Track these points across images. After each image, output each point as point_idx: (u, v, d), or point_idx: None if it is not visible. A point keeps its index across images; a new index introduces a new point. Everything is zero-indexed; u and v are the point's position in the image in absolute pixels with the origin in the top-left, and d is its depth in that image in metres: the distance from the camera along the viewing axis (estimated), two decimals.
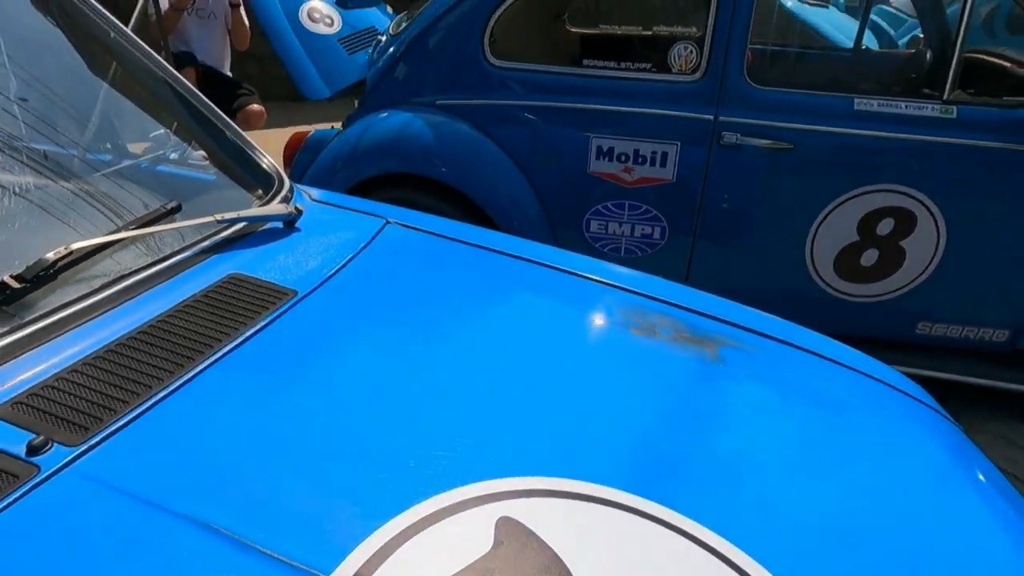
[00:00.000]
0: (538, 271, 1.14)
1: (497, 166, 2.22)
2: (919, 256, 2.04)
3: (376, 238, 1.15)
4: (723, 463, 0.76)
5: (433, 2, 2.31)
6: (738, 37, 1.96)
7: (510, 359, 0.89)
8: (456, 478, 0.64)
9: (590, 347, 0.96)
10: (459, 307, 1.01)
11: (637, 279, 1.18)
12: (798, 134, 1.98)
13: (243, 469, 0.64)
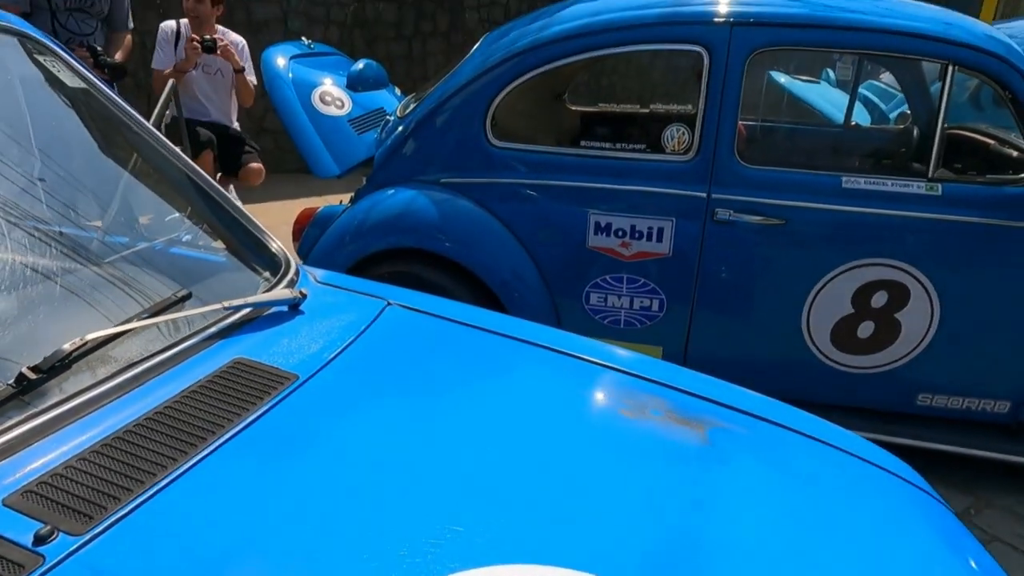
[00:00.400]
0: (532, 352, 1.18)
1: (499, 241, 2.29)
2: (915, 328, 2.07)
3: (377, 320, 1.19)
4: (710, 552, 0.78)
5: (439, 86, 2.44)
6: (728, 118, 2.05)
7: (504, 443, 0.92)
8: (444, 567, 0.67)
9: (582, 430, 0.98)
10: (455, 390, 1.04)
11: (629, 359, 1.22)
12: (789, 211, 2.05)
13: (237, 559, 0.67)
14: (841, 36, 1.99)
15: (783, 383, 2.21)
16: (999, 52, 1.90)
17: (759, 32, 2.01)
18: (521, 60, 2.23)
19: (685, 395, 1.11)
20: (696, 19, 2.06)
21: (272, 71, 2.82)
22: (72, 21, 3.43)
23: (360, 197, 2.53)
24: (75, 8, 3.43)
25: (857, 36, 1.97)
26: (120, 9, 3.68)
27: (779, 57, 3.09)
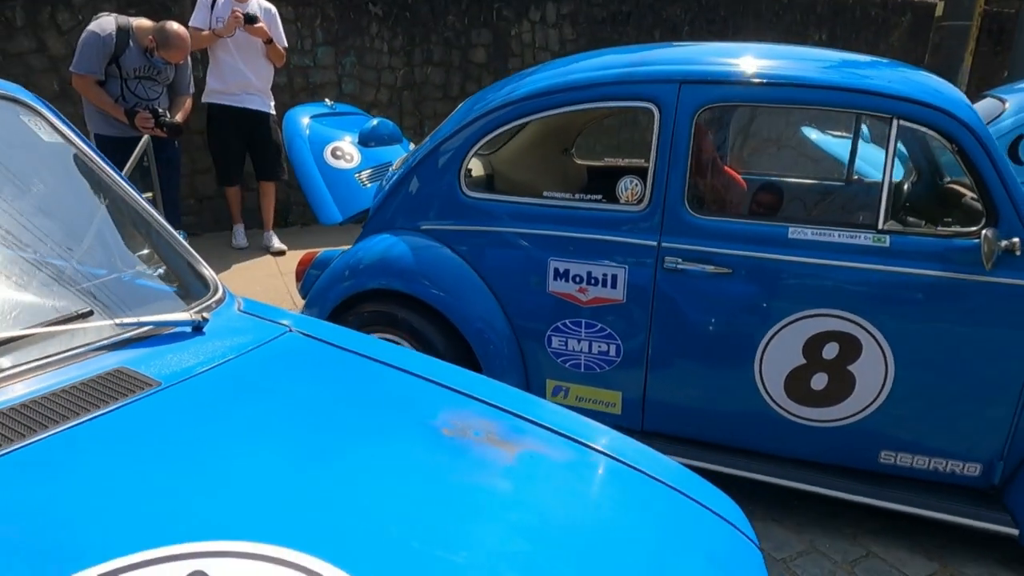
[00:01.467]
0: (397, 378, 1.29)
1: (469, 286, 2.42)
2: (869, 382, 2.02)
3: (268, 343, 1.34)
4: (450, 551, 0.85)
5: (424, 142, 2.64)
6: (677, 170, 2.13)
7: (308, 453, 1.03)
8: (166, 538, 0.78)
9: (383, 441, 1.08)
10: (295, 405, 1.16)
11: (488, 388, 1.30)
12: (735, 259, 2.08)
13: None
14: (784, 92, 2.04)
15: (741, 434, 2.20)
16: (942, 105, 1.90)
17: (705, 90, 2.10)
18: (492, 118, 2.40)
19: (522, 421, 1.19)
20: (647, 79, 2.17)
21: (290, 128, 3.13)
22: (140, 87, 3.92)
23: (356, 242, 2.75)
24: (144, 76, 3.92)
25: (799, 92, 2.02)
26: (183, 77, 4.17)
27: (734, 113, 3.13)
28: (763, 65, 2.09)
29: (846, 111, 2.03)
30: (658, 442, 2.27)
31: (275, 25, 4.50)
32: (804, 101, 2.04)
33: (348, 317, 2.56)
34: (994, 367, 1.93)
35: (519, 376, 2.42)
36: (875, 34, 8.24)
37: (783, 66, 2.09)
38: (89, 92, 3.81)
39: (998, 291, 1.88)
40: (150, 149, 2.05)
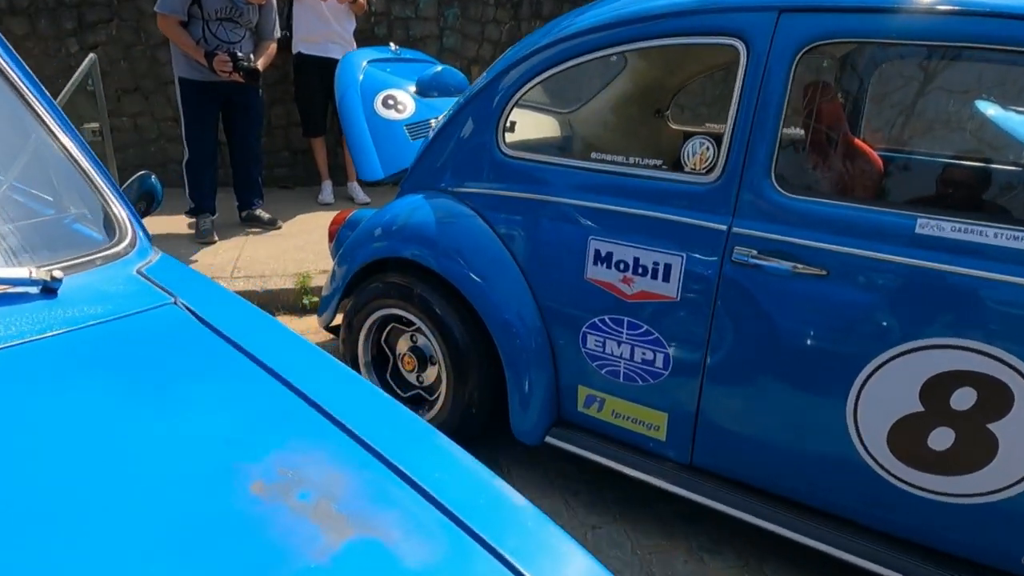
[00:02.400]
0: (257, 390, 0.91)
1: (497, 264, 2.01)
2: (1020, 449, 1.40)
3: (124, 319, 1.02)
4: None
5: (465, 92, 2.23)
6: (765, 132, 1.57)
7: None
8: None
9: (139, 490, 0.70)
10: (76, 405, 0.82)
11: (383, 420, 0.90)
12: (833, 257, 1.51)
13: None
14: (946, 25, 1.41)
15: (823, 493, 1.65)
16: None
17: (815, 21, 1.51)
18: (537, 60, 1.94)
19: (394, 478, 0.77)
20: (735, 6, 1.61)
21: (344, 73, 2.83)
22: (222, 30, 3.79)
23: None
24: (226, 19, 3.79)
25: (972, 24, 1.39)
26: (267, 21, 4.00)
27: (869, 62, 2.38)
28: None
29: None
30: (711, 484, 1.77)
31: None
32: (977, 37, 1.40)
33: (369, 285, 2.24)
34: None
35: (547, 378, 1.99)
36: None
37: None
38: (171, 32, 3.73)
39: None
40: (95, 70, 1.77)
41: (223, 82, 3.83)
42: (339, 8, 4.28)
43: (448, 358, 2.08)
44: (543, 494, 2.07)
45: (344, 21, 4.33)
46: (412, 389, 2.29)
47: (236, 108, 4.02)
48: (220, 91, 3.87)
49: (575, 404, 1.99)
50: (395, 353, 2.30)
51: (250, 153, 4.18)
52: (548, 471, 2.18)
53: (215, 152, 4.08)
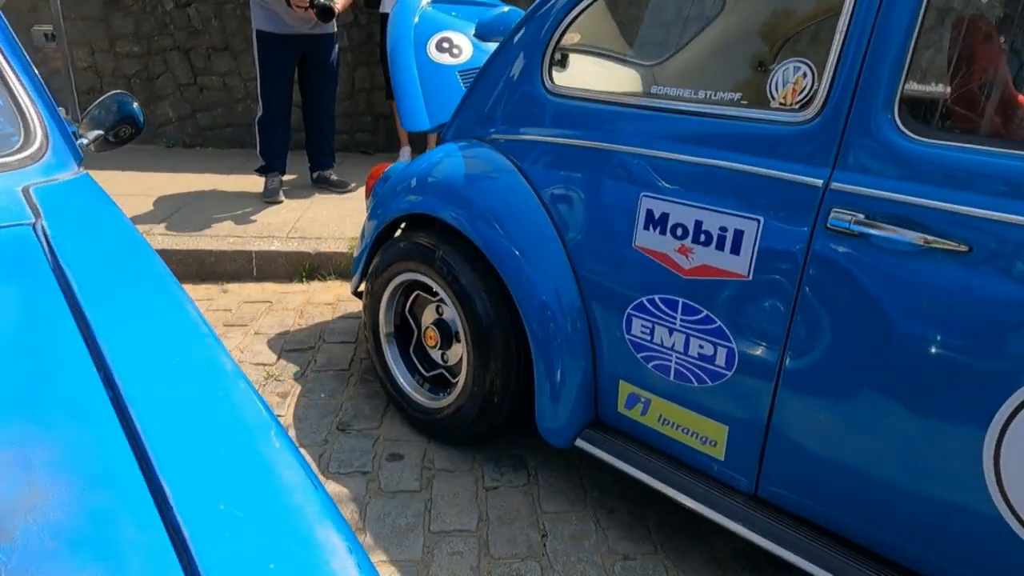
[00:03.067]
0: (51, 338, 0.62)
1: (532, 229, 1.65)
2: None
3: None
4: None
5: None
6: (887, 53, 1.12)
7: None
8: None
9: None
10: None
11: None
12: (978, 228, 1.04)
13: None
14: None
15: (942, 560, 1.19)
16: None
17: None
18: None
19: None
20: None
21: (397, 13, 2.55)
22: None
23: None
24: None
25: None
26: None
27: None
28: None
29: None
30: (780, 523, 1.35)
31: None
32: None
33: (393, 245, 1.96)
34: None
35: (584, 369, 1.62)
36: None
37: None
38: None
39: None
40: None
41: (300, 35, 3.70)
42: None
43: (469, 335, 1.76)
44: (571, 508, 1.71)
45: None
46: (436, 368, 1.99)
47: (312, 65, 3.88)
48: (296, 46, 3.74)
49: (615, 403, 1.61)
50: (420, 325, 2.01)
51: (323, 113, 4.02)
52: (584, 480, 1.82)
53: (288, 110, 3.94)
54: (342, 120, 5.09)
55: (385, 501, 1.71)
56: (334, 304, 2.92)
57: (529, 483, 1.80)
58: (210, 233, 3.26)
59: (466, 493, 1.75)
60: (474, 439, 1.89)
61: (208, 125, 5.04)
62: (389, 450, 1.92)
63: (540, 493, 1.76)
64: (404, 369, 2.02)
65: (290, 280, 3.16)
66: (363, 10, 4.84)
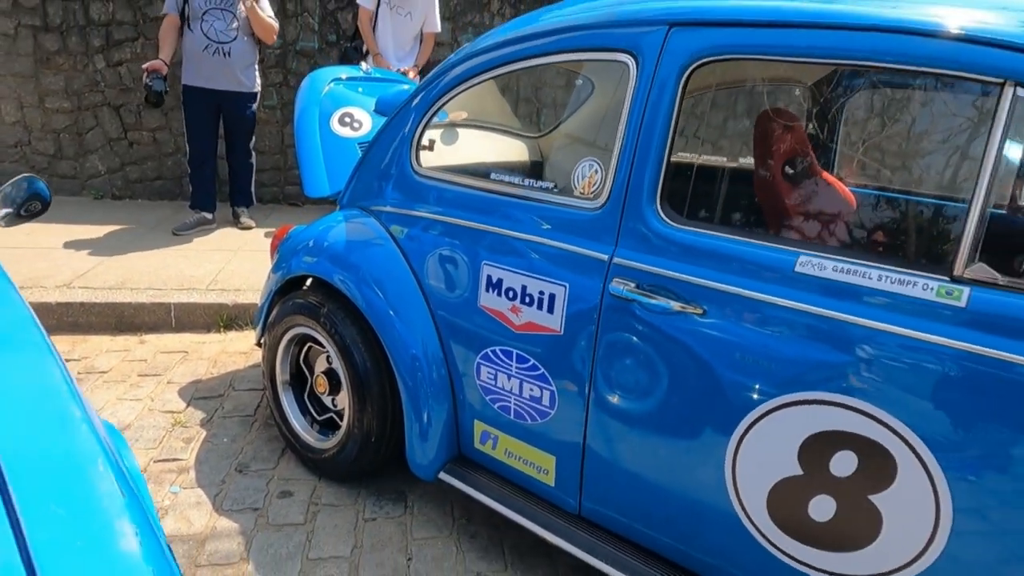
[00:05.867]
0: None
1: (403, 290, 1.91)
2: (906, 525, 1.20)
3: None
4: None
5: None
6: (651, 154, 1.44)
7: None
8: None
9: None
10: None
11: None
12: (711, 294, 1.35)
13: None
14: (828, 39, 1.26)
15: (709, 558, 1.48)
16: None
17: (704, 35, 1.39)
18: (450, 78, 1.87)
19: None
20: (627, 19, 1.50)
21: (306, 89, 2.83)
22: (213, 30, 4.00)
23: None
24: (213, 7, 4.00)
25: (849, 40, 1.24)
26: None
27: (847, 88, 2.19)
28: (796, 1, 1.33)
29: (927, 72, 1.20)
30: (597, 538, 1.61)
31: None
32: (857, 54, 1.25)
33: (287, 301, 2.18)
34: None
35: (447, 411, 1.87)
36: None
37: (827, 2, 1.31)
38: (163, 31, 4.15)
39: None
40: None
41: (219, 91, 4.09)
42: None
43: (350, 382, 1.99)
44: (439, 534, 1.94)
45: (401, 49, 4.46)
46: (327, 412, 2.21)
47: (229, 118, 4.28)
48: (215, 99, 4.13)
49: (472, 440, 1.87)
50: (313, 373, 2.23)
51: (238, 162, 4.44)
52: (455, 510, 2.05)
53: (209, 156, 4.36)
54: (272, 173, 5.33)
55: (270, 534, 1.91)
56: (248, 353, 3.10)
57: (405, 514, 2.02)
58: (130, 285, 3.41)
59: (346, 525, 1.96)
60: (357, 475, 2.11)
61: (137, 178, 5.19)
62: (281, 488, 2.11)
63: (413, 522, 1.99)
64: (298, 413, 2.23)
65: (208, 330, 3.32)
66: (294, 72, 5.13)
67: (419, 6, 4.43)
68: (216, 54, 4.05)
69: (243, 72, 4.15)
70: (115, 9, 4.85)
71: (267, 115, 5.14)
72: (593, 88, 2.54)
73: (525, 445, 1.73)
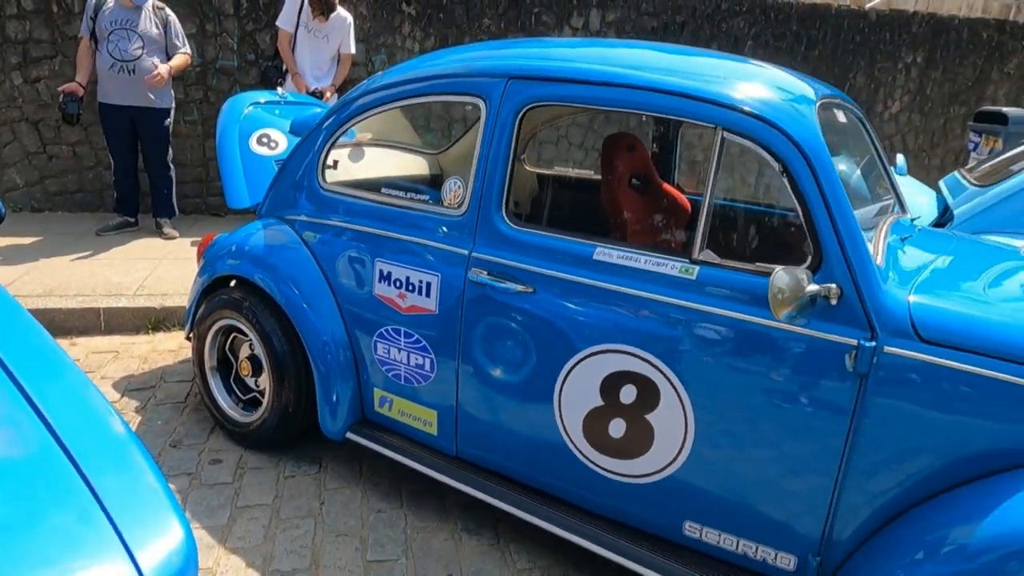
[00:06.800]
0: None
1: (315, 287, 2.31)
2: (668, 437, 1.71)
3: None
4: None
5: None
6: (497, 173, 1.92)
7: None
8: None
9: None
10: None
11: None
12: (536, 278, 1.84)
13: None
14: (608, 93, 1.78)
15: (547, 477, 1.96)
16: (770, 118, 1.58)
17: (531, 87, 1.88)
18: (350, 109, 2.30)
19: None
20: (478, 72, 1.98)
21: (227, 112, 3.18)
22: (117, 49, 4.31)
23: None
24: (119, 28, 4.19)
25: (624, 94, 1.76)
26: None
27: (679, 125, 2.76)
28: (594, 64, 1.84)
29: (674, 118, 1.73)
30: (471, 473, 2.07)
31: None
32: (629, 104, 1.77)
33: (213, 298, 2.55)
34: (807, 440, 1.56)
35: (352, 385, 2.29)
36: (986, 60, 7.25)
37: (613, 66, 1.82)
38: (79, 52, 4.42)
39: (813, 347, 1.53)
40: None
41: (130, 107, 4.37)
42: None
43: (270, 365, 2.38)
44: (347, 485, 2.35)
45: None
46: (250, 392, 2.58)
47: (142, 132, 4.56)
48: (127, 115, 4.41)
49: (373, 405, 2.30)
50: (237, 359, 2.60)
51: (155, 174, 4.72)
52: (363, 468, 2.47)
53: (128, 167, 4.67)
54: (194, 185, 5.56)
55: (204, 491, 2.27)
56: (177, 350, 3.40)
57: (320, 472, 2.43)
58: (59, 292, 3.65)
59: (269, 482, 2.34)
60: (278, 444, 2.49)
61: (58, 190, 5.32)
62: (211, 457, 2.47)
63: (326, 477, 2.39)
64: (225, 394, 2.60)
65: (137, 332, 3.60)
66: (214, 89, 5.39)
67: (335, 29, 4.81)
68: (122, 72, 4.32)
69: (152, 89, 4.41)
70: (32, 28, 5.00)
71: (189, 129, 5.38)
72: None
73: (413, 404, 2.17)
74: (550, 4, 5.95)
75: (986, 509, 1.38)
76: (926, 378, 1.44)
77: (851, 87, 6.92)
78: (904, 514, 1.50)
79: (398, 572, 1.96)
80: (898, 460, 1.49)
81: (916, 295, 1.51)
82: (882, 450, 1.49)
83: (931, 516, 1.46)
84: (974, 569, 1.33)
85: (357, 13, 5.53)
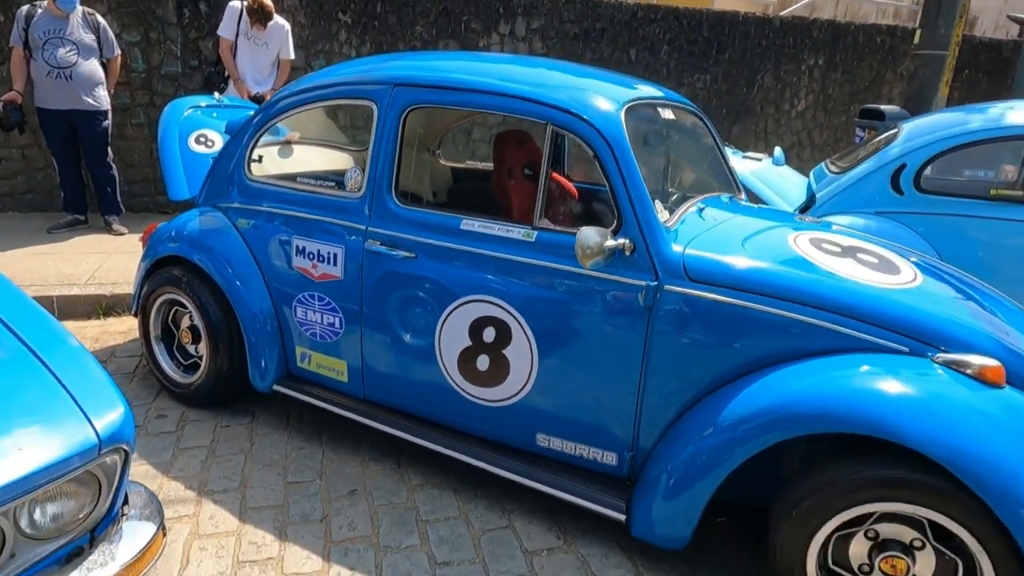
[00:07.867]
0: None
1: (244, 265, 2.73)
2: (520, 366, 2.18)
3: None
4: None
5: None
6: (386, 163, 2.37)
7: None
8: None
9: None
10: None
11: None
12: (417, 245, 2.30)
13: None
14: (468, 98, 2.24)
15: (434, 409, 2.41)
16: (582, 114, 2.06)
17: (411, 92, 2.33)
18: (265, 112, 2.72)
19: None
20: (371, 80, 2.43)
21: (167, 114, 3.55)
22: (53, 57, 4.54)
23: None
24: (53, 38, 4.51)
25: (483, 98, 2.22)
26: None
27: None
28: (462, 74, 2.31)
29: (519, 117, 2.20)
30: (377, 411, 2.51)
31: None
32: (485, 106, 2.23)
33: (156, 276, 2.93)
34: (616, 361, 2.05)
35: (278, 349, 2.71)
36: (880, 62, 7.98)
37: (476, 76, 2.29)
38: (13, 61, 4.70)
39: (616, 288, 2.02)
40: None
41: (67, 110, 4.67)
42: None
43: (207, 333, 2.78)
44: (275, 432, 2.77)
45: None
46: (191, 358, 2.98)
47: (81, 134, 4.87)
48: (65, 118, 4.72)
49: (296, 361, 2.72)
50: (178, 329, 2.99)
51: (97, 174, 5.04)
52: (290, 419, 2.88)
53: (71, 168, 4.98)
54: (142, 185, 5.87)
55: (150, 439, 2.66)
56: (126, 332, 3.76)
57: (252, 422, 2.84)
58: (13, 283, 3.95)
59: (207, 430, 2.75)
60: (216, 402, 2.89)
61: (7, 191, 5.57)
62: (157, 414, 2.86)
63: (258, 426, 2.81)
64: (168, 360, 2.98)
65: (89, 318, 3.93)
66: (159, 94, 5.71)
67: (274, 36, 5.19)
68: (59, 78, 4.61)
69: (88, 93, 4.72)
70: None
71: (136, 132, 5.69)
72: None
73: (327, 357, 2.61)
74: (478, 12, 6.41)
75: (743, 397, 1.87)
76: (694, 308, 1.94)
77: (760, 87, 7.56)
78: (690, 409, 2.00)
79: (312, 490, 2.39)
80: (681, 370, 1.99)
81: (690, 248, 2.01)
82: (668, 364, 1.99)
83: (708, 407, 1.95)
84: (738, 435, 1.82)
85: (296, 21, 5.91)
